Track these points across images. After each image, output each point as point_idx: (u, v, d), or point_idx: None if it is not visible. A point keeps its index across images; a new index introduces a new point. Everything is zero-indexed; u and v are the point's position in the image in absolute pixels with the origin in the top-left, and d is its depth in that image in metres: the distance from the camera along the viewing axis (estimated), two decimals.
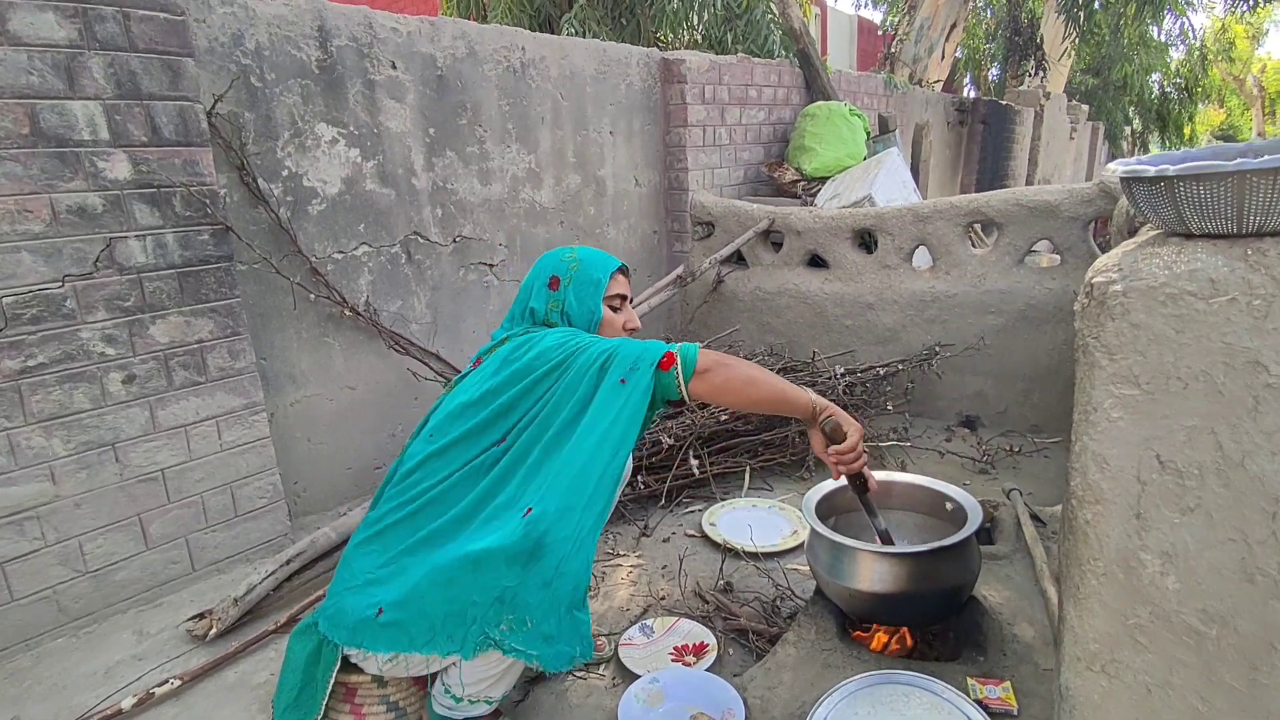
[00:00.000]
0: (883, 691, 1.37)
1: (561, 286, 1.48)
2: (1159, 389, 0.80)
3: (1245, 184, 0.74)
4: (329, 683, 1.35)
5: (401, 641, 1.26)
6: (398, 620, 1.25)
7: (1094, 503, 0.84)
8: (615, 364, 1.29)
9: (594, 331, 1.46)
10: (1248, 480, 0.77)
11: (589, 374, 1.30)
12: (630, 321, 1.53)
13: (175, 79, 1.87)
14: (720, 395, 1.32)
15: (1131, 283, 0.82)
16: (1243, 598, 0.78)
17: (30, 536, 1.77)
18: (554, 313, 1.48)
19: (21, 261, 1.70)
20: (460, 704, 1.32)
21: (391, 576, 1.29)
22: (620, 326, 1.50)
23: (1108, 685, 0.87)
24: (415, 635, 1.25)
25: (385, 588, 1.28)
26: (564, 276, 1.48)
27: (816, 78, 4.28)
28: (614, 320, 1.50)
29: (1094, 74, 12.52)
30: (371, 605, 1.27)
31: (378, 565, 1.31)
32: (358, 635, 1.29)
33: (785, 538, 2.17)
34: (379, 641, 1.27)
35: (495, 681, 1.32)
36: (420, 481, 1.34)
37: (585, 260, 1.50)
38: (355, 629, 1.29)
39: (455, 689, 1.31)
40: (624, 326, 1.51)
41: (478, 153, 2.83)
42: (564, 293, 1.47)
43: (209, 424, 2.04)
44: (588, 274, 1.47)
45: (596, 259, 1.50)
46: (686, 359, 1.28)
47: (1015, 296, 2.85)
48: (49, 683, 1.71)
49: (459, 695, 1.32)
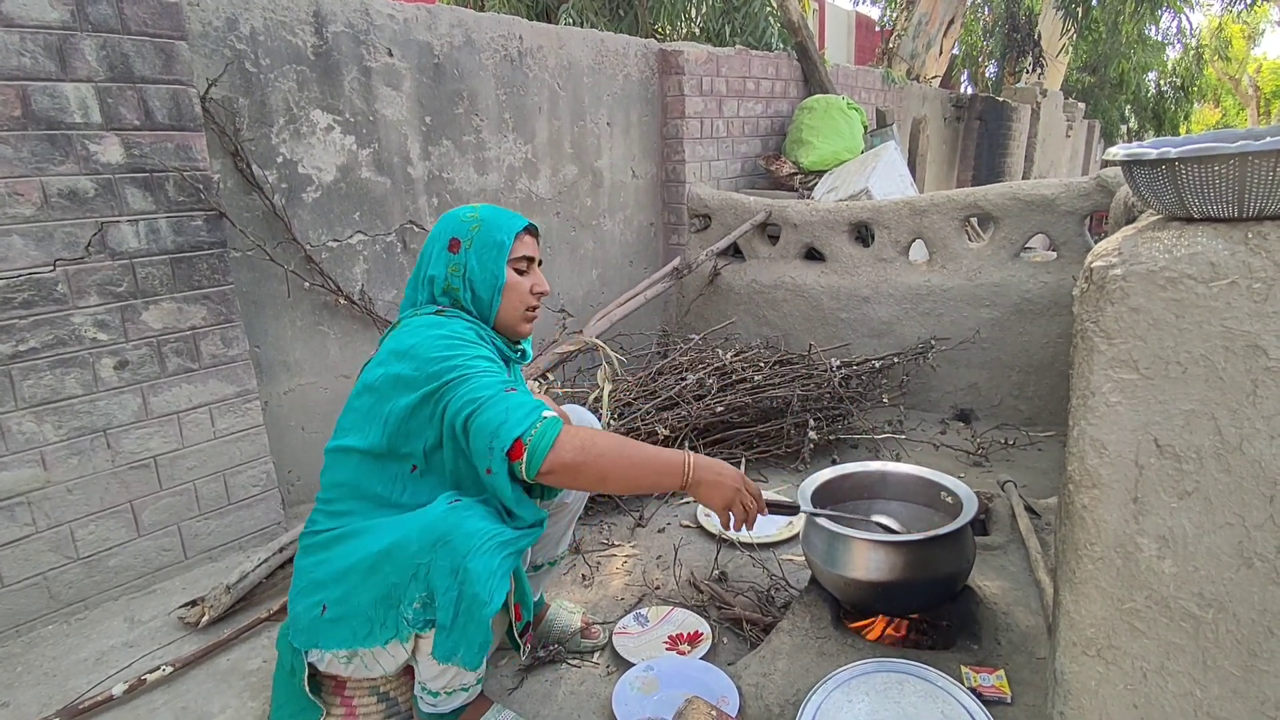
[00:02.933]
0: (877, 679, 1.37)
1: (462, 249, 1.38)
2: (1158, 373, 0.80)
3: (1247, 166, 0.74)
4: (303, 686, 1.34)
5: (348, 637, 1.26)
6: (341, 615, 1.25)
7: (1091, 487, 0.84)
8: (475, 436, 1.18)
9: (498, 297, 1.37)
10: (1246, 464, 0.76)
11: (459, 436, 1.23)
12: (538, 285, 1.43)
13: (168, 62, 1.85)
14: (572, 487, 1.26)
15: (1131, 267, 0.82)
16: (1240, 582, 0.78)
17: (21, 522, 1.76)
18: (455, 277, 1.37)
19: (12, 245, 1.68)
20: (438, 697, 1.32)
21: (328, 573, 1.28)
22: (527, 290, 1.41)
23: (1104, 670, 0.87)
24: (357, 629, 1.25)
25: (325, 586, 1.28)
26: (465, 238, 1.38)
27: (814, 71, 4.27)
28: (519, 284, 1.40)
29: (1091, 72, 12.54)
30: (316, 604, 1.28)
31: (315, 563, 1.31)
32: (312, 636, 1.29)
33: (780, 528, 2.17)
34: (330, 639, 1.28)
35: (459, 669, 1.28)
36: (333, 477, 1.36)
37: (488, 220, 1.39)
38: (308, 630, 1.29)
39: (428, 684, 1.31)
40: (531, 290, 1.41)
41: (474, 142, 2.81)
42: (465, 256, 1.37)
43: (202, 411, 2.03)
44: (490, 235, 1.37)
45: (500, 218, 1.40)
46: (534, 455, 1.15)
47: (1010, 290, 2.86)
48: (40, 669, 1.70)
49: (434, 690, 1.31)
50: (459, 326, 1.31)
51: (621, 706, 1.46)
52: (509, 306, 1.39)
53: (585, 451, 1.18)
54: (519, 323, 1.42)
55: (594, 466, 1.18)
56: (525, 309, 1.41)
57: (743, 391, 2.64)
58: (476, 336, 1.32)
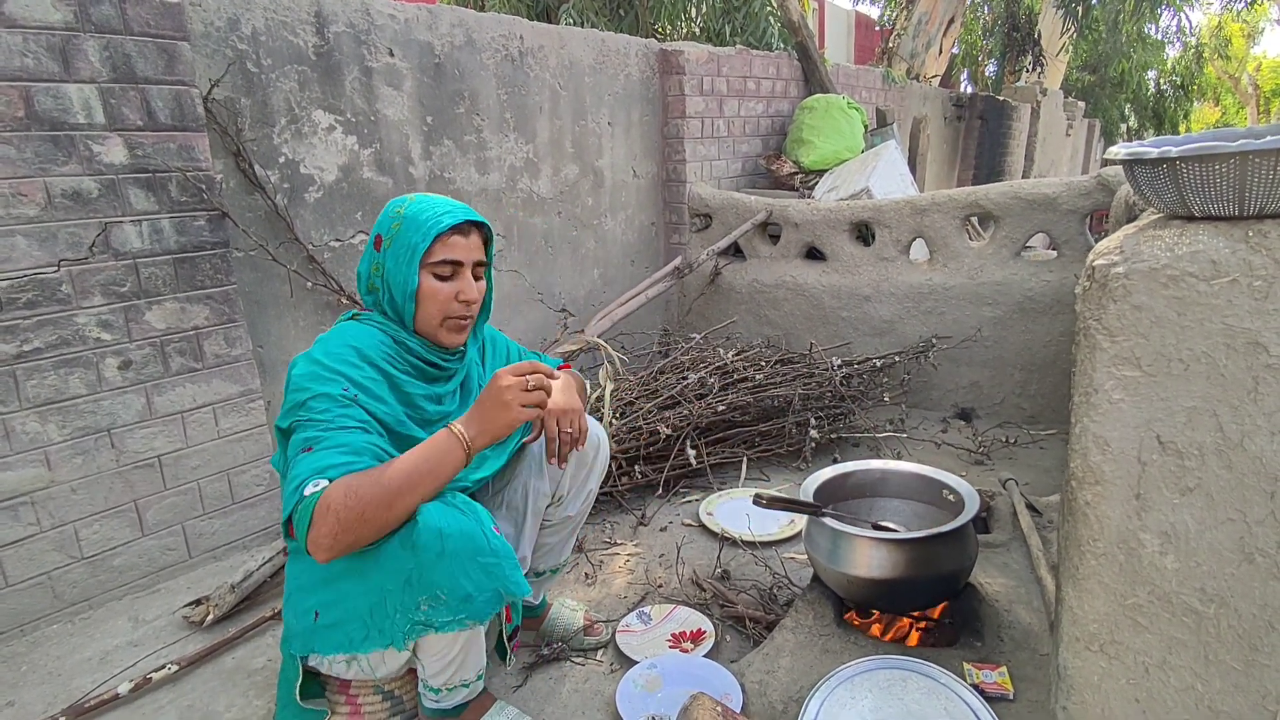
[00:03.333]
0: (880, 676, 1.38)
1: (383, 247, 1.27)
2: (1160, 370, 0.81)
3: (1247, 165, 0.74)
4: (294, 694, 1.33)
5: (344, 642, 1.25)
6: (335, 621, 1.24)
7: (1094, 484, 0.85)
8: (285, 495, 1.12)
9: (410, 303, 1.25)
10: (1247, 460, 0.77)
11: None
12: (465, 293, 1.27)
13: (171, 63, 1.86)
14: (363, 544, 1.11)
15: (1133, 265, 0.82)
16: (1242, 577, 0.79)
17: (25, 522, 1.76)
18: (376, 276, 1.29)
19: (16, 245, 1.68)
20: (440, 694, 1.32)
21: (317, 578, 1.27)
22: (449, 297, 1.26)
23: (1106, 665, 0.87)
24: (353, 634, 1.23)
25: (315, 591, 1.27)
26: (386, 236, 1.27)
27: (815, 71, 4.28)
28: (437, 291, 1.25)
29: (1091, 71, 12.54)
30: (308, 610, 1.26)
31: (304, 569, 1.30)
32: (308, 642, 1.28)
33: (783, 527, 2.17)
34: (326, 644, 1.26)
35: (459, 664, 1.29)
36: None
37: (410, 218, 1.25)
38: (303, 636, 1.28)
39: (430, 680, 1.31)
40: (457, 298, 1.27)
41: (475, 142, 2.82)
42: (384, 256, 1.27)
43: (206, 411, 2.03)
44: (407, 236, 1.24)
45: (422, 215, 1.24)
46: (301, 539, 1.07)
47: (1012, 288, 2.86)
48: (44, 669, 1.70)
49: (436, 686, 1.31)
50: (338, 345, 1.21)
51: (625, 704, 1.46)
52: (424, 315, 1.28)
53: (344, 519, 1.04)
54: (438, 333, 1.30)
55: (369, 520, 1.07)
56: (445, 319, 1.28)
57: (744, 390, 2.65)
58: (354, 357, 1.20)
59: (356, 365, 1.21)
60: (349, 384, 1.18)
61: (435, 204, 1.28)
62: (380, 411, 1.22)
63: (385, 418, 1.23)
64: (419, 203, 1.28)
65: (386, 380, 1.25)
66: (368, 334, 1.27)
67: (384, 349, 1.27)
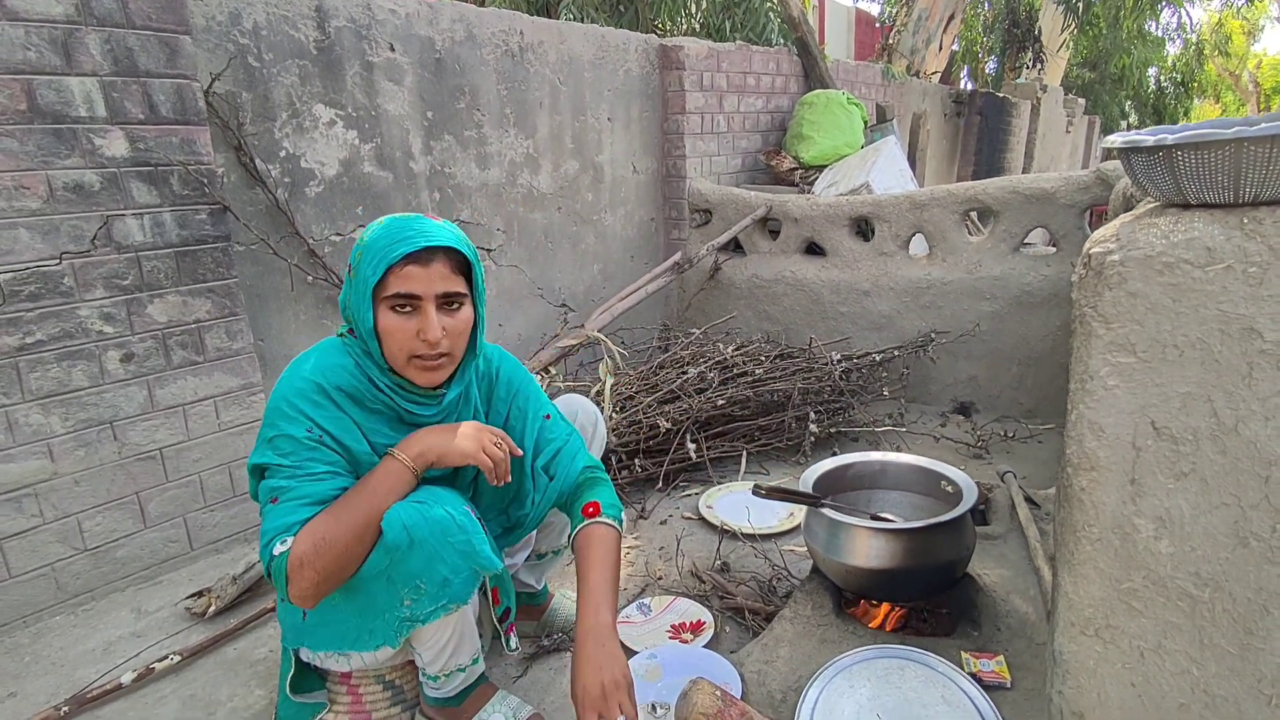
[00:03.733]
0: (878, 665, 1.39)
1: (349, 278, 1.18)
2: (1155, 357, 0.81)
3: (1242, 152, 0.75)
4: (286, 687, 1.35)
5: (335, 640, 1.26)
6: (322, 621, 1.25)
7: (1089, 470, 0.86)
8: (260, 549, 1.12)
9: (372, 341, 1.15)
10: (1242, 445, 0.78)
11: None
12: (427, 331, 1.13)
13: (172, 56, 1.86)
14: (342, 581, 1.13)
15: (1129, 252, 0.83)
16: (1236, 561, 0.79)
17: (29, 513, 1.77)
18: (347, 309, 1.20)
19: (19, 238, 1.69)
20: (439, 680, 1.33)
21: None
22: (411, 335, 1.14)
23: (1102, 650, 0.88)
24: (345, 634, 1.24)
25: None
26: (353, 265, 1.16)
27: (815, 66, 4.28)
28: (396, 329, 1.13)
29: (1091, 68, 12.54)
30: (295, 610, 1.26)
31: None
32: (298, 637, 1.30)
33: (782, 520, 2.18)
34: (317, 642, 1.28)
35: (453, 649, 1.30)
36: None
37: (370, 245, 1.13)
38: (293, 631, 1.30)
39: (427, 669, 1.33)
40: (418, 335, 1.14)
41: (476, 137, 2.82)
42: (349, 286, 1.18)
43: (207, 404, 2.04)
44: (363, 268, 1.13)
45: (379, 244, 1.12)
46: (278, 588, 1.09)
47: (1010, 283, 2.87)
48: (48, 659, 1.71)
49: (434, 674, 1.32)
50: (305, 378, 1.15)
51: None
52: (389, 353, 1.16)
53: (323, 569, 1.07)
54: (406, 370, 1.18)
55: (348, 559, 1.09)
56: (410, 357, 1.16)
57: (744, 385, 2.66)
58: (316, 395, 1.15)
59: (319, 404, 1.15)
60: (313, 424, 1.13)
61: (396, 229, 1.13)
62: (351, 447, 1.17)
63: (357, 453, 1.18)
64: (383, 227, 1.15)
65: (351, 422, 1.18)
66: (338, 364, 1.19)
67: (351, 383, 1.18)
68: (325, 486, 1.13)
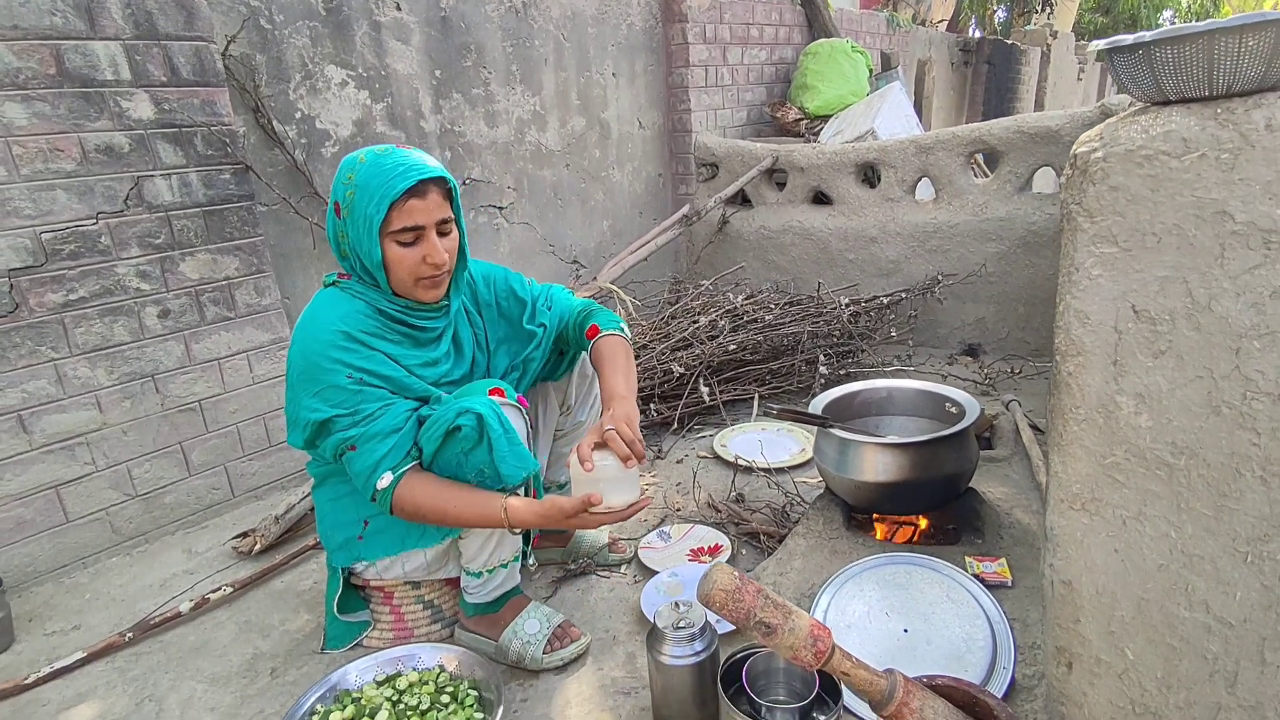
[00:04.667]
0: (886, 571, 1.47)
1: (342, 217, 1.25)
2: (1135, 245, 0.87)
3: (1215, 44, 0.80)
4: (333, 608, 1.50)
5: (395, 544, 1.41)
6: (385, 527, 1.40)
7: (1076, 355, 0.92)
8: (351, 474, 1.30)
9: (380, 272, 1.27)
10: (1215, 321, 0.84)
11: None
12: (431, 256, 1.25)
13: (190, 19, 1.92)
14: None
15: (1111, 149, 0.88)
16: (1210, 430, 0.86)
17: (82, 461, 1.88)
18: (344, 244, 1.28)
19: (57, 199, 1.77)
20: (481, 577, 1.45)
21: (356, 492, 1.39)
22: (417, 261, 1.25)
23: (1088, 522, 0.96)
24: (406, 537, 1.40)
25: (362, 505, 1.41)
26: (344, 203, 1.24)
27: (818, 16, 4.25)
28: (403, 258, 1.24)
29: (1103, 12, 12.24)
30: (355, 522, 1.42)
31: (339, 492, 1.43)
32: (352, 553, 1.44)
33: (794, 454, 2.27)
34: (375, 549, 1.43)
35: (496, 544, 1.42)
36: None
37: (363, 185, 1.21)
38: (348, 548, 1.43)
39: (470, 567, 1.44)
40: (424, 261, 1.25)
41: (483, 95, 2.86)
42: (345, 224, 1.25)
43: (240, 358, 2.14)
44: (361, 207, 1.22)
45: (374, 182, 1.20)
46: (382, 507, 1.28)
47: (1016, 223, 2.90)
48: (107, 595, 1.84)
49: (477, 570, 1.44)
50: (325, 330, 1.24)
51: (650, 607, 1.57)
52: (396, 280, 1.29)
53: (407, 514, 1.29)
54: (414, 292, 1.31)
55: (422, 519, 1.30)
56: (417, 280, 1.28)
57: (754, 331, 2.72)
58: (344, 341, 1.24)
59: (350, 349, 1.25)
60: (351, 369, 1.24)
61: (386, 166, 1.21)
62: (391, 375, 1.29)
63: (397, 379, 1.30)
64: (370, 166, 1.22)
65: (382, 355, 1.29)
66: (350, 309, 1.28)
67: (369, 322, 1.29)
68: (386, 420, 1.27)
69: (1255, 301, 0.81)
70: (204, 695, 1.46)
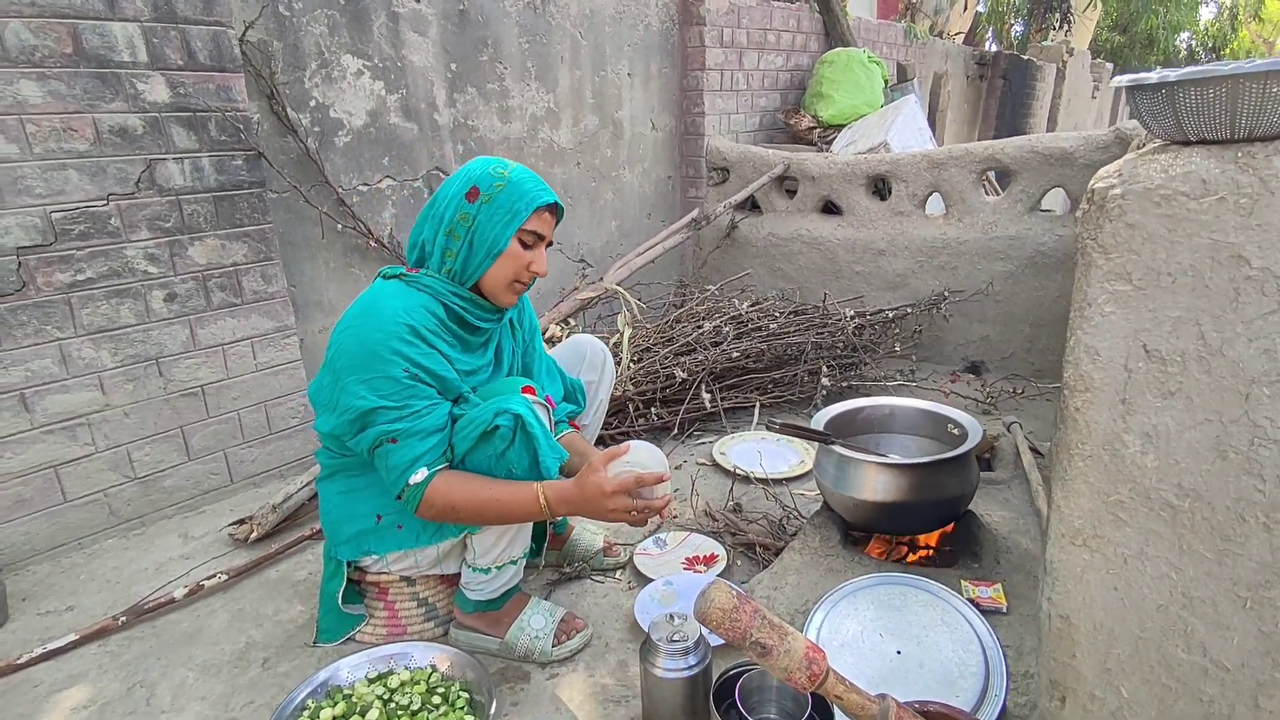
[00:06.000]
0: (881, 591, 1.47)
1: (478, 202, 1.33)
2: (1149, 284, 0.87)
3: (1238, 88, 0.80)
4: (337, 599, 1.50)
5: (408, 539, 1.42)
6: (399, 521, 1.40)
7: (1084, 390, 0.92)
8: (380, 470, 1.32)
9: (489, 261, 1.34)
10: (1226, 365, 0.84)
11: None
12: (537, 264, 1.38)
13: (209, 3, 1.91)
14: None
15: (1129, 186, 0.88)
16: (1216, 473, 0.86)
17: (82, 442, 1.88)
18: (460, 225, 1.33)
19: (69, 179, 1.77)
20: (490, 573, 1.44)
21: (375, 486, 1.40)
22: (524, 265, 1.37)
23: (1089, 558, 0.96)
24: (420, 533, 1.41)
25: (376, 497, 1.41)
26: (485, 192, 1.33)
27: (836, 24, 4.24)
28: (520, 256, 1.36)
29: (1120, 30, 12.21)
30: (368, 515, 1.42)
31: (355, 485, 1.43)
32: (362, 545, 1.44)
33: (793, 466, 2.26)
34: (385, 544, 1.43)
35: (510, 539, 1.43)
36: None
37: (514, 183, 1.33)
38: (356, 540, 1.44)
39: (481, 561, 1.44)
40: (528, 267, 1.37)
41: (498, 90, 2.86)
42: (478, 209, 1.33)
43: (244, 344, 2.14)
44: (510, 200, 1.33)
45: (526, 186, 1.34)
46: (409, 507, 1.30)
47: (1025, 243, 2.89)
48: (102, 577, 1.84)
49: (486, 566, 1.43)
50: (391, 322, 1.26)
51: (644, 615, 1.57)
52: (498, 273, 1.36)
53: (438, 513, 1.31)
54: (503, 291, 1.39)
55: (457, 518, 1.32)
56: (513, 281, 1.38)
57: (758, 339, 2.72)
58: (409, 335, 1.27)
59: (412, 343, 1.27)
60: (409, 364, 1.26)
61: (533, 177, 1.37)
62: (444, 375, 1.33)
63: (448, 380, 1.34)
64: (520, 171, 1.36)
65: (439, 355, 1.33)
66: (413, 303, 1.30)
67: (431, 319, 1.32)
68: (431, 419, 1.29)
69: (1267, 348, 0.81)
70: (195, 683, 1.46)
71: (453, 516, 1.31)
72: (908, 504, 1.51)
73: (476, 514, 1.31)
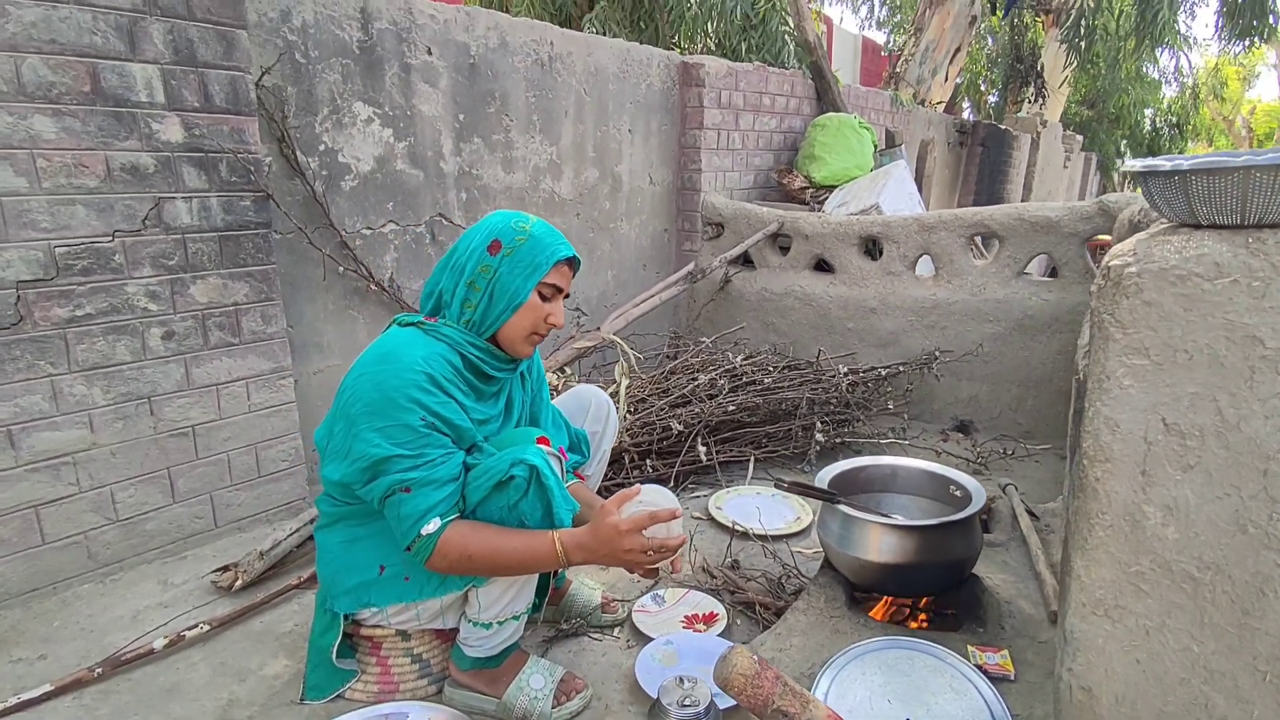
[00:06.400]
0: (889, 655, 1.46)
1: (500, 255, 1.35)
2: (1166, 360, 0.90)
3: (1250, 178, 0.84)
4: (331, 655, 1.45)
5: (411, 591, 1.37)
6: (402, 573, 1.37)
7: (1104, 461, 0.94)
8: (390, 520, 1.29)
9: (509, 313, 1.35)
10: (1243, 441, 0.86)
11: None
12: (554, 316, 1.40)
13: (229, 49, 1.95)
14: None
15: (1145, 265, 0.91)
16: (1236, 547, 0.88)
17: (66, 481, 1.82)
18: (481, 278, 1.34)
19: (76, 214, 1.76)
20: (492, 629, 1.40)
21: (379, 536, 1.37)
22: (542, 317, 1.38)
23: (1110, 628, 0.96)
24: (424, 585, 1.37)
25: (379, 548, 1.37)
26: (507, 246, 1.35)
27: (828, 90, 4.41)
28: (539, 308, 1.37)
29: (1089, 106, 12.82)
30: (371, 565, 1.38)
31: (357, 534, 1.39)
32: (362, 597, 1.40)
33: (789, 522, 2.25)
34: (387, 596, 1.39)
35: (515, 594, 1.39)
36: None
37: (536, 238, 1.36)
38: (356, 592, 1.39)
39: (484, 616, 1.40)
40: (546, 319, 1.39)
41: (503, 141, 2.91)
42: (499, 262, 1.34)
43: (239, 385, 2.10)
44: (532, 254, 1.35)
45: (547, 241, 1.37)
46: (419, 558, 1.28)
47: (1013, 306, 2.97)
48: (76, 625, 1.76)
49: (488, 621, 1.40)
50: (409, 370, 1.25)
51: (645, 676, 1.54)
52: (517, 324, 1.37)
53: (453, 564, 1.28)
54: (520, 342, 1.40)
55: (472, 569, 1.30)
56: (531, 333, 1.39)
57: (753, 393, 2.74)
58: (427, 383, 1.26)
59: (430, 392, 1.26)
60: (426, 413, 1.25)
61: (552, 230, 1.41)
62: (459, 425, 1.32)
63: (463, 430, 1.33)
64: (540, 225, 1.39)
65: (456, 404, 1.32)
66: (431, 352, 1.30)
67: (448, 368, 1.32)
68: (446, 469, 1.28)
69: None
70: None
71: (466, 567, 1.29)
72: (914, 565, 1.51)
73: (492, 564, 1.29)
